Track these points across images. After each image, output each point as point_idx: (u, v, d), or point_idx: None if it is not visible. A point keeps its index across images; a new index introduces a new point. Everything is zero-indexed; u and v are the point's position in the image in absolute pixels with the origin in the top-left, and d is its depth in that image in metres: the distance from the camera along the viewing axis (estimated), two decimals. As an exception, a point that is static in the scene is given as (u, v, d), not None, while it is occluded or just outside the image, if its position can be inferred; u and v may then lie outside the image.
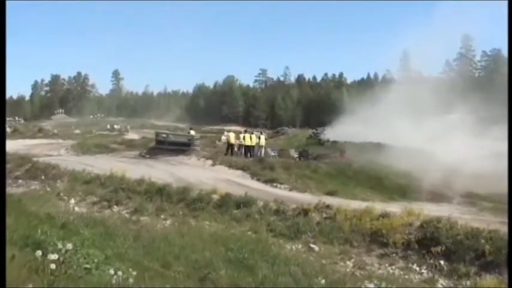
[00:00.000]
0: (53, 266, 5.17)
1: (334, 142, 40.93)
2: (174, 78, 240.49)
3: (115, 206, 18.07)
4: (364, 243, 14.34)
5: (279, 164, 26.77)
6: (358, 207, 16.25)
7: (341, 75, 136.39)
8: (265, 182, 23.09)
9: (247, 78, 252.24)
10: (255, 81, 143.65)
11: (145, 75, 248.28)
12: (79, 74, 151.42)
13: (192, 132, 33.85)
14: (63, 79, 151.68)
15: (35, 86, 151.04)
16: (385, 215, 15.35)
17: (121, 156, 31.67)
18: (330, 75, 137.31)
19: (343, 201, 17.75)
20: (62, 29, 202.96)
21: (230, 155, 30.74)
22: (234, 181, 22.73)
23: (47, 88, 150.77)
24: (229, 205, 17.44)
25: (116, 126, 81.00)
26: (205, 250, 12.55)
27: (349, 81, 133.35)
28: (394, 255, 13.64)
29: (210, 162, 27.77)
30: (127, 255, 10.83)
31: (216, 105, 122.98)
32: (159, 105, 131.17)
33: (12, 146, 36.33)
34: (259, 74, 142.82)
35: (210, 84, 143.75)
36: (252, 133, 33.17)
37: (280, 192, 20.78)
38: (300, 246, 14.39)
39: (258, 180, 23.55)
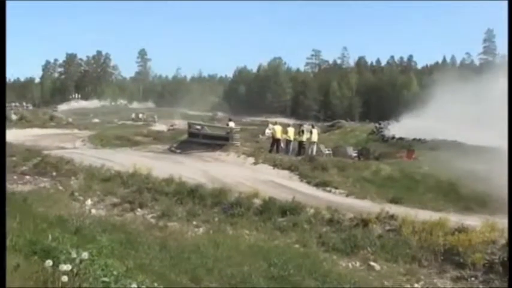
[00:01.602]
0: (65, 278, 5.17)
1: (400, 139, 40.40)
2: (210, 60, 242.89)
3: (139, 209, 18.27)
4: (436, 263, 14.05)
5: (333, 164, 26.50)
6: (428, 219, 15.94)
7: (410, 58, 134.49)
8: (317, 185, 22.92)
9: (296, 61, 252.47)
10: (307, 64, 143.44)
11: (176, 57, 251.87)
12: (99, 53, 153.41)
13: (231, 124, 33.91)
14: (80, 59, 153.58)
15: (47, 67, 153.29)
16: (461, 230, 15.01)
17: (146, 151, 32.09)
18: (396, 58, 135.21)
19: (410, 211, 17.38)
20: (79, 4, 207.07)
21: (275, 152, 30.69)
22: (279, 183, 22.65)
23: (60, 69, 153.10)
24: (273, 212, 17.38)
25: (141, 116, 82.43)
26: (243, 264, 12.51)
27: (419, 65, 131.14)
28: (472, 278, 13.30)
29: (251, 160, 27.82)
30: (151, 267, 10.88)
31: (259, 93, 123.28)
32: (192, 91, 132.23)
33: (18, 136, 37.33)
34: (312, 55, 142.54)
35: (252, 67, 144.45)
36: (302, 126, 33.05)
37: (334, 198, 20.58)
38: (357, 263, 14.20)
39: (308, 183, 23.39)
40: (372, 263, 14.09)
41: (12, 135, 39.23)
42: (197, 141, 31.55)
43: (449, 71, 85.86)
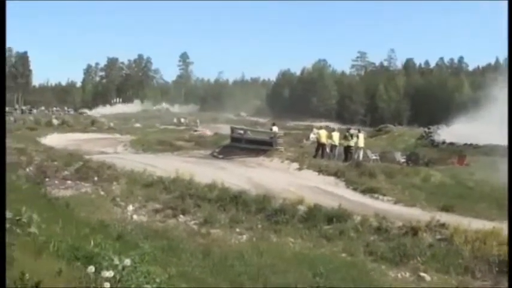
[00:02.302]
0: (107, 285, 5.21)
1: (451, 144, 39.79)
2: (253, 63, 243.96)
3: (181, 215, 18.38)
4: (490, 274, 13.67)
5: (380, 170, 26.21)
6: (481, 228, 15.55)
7: (461, 60, 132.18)
8: (363, 192, 22.67)
9: (342, 63, 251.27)
10: (352, 66, 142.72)
11: (218, 60, 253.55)
12: (140, 57, 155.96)
13: (275, 129, 33.97)
14: (122, 63, 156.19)
15: (88, 71, 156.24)
16: (518, 240, 14.57)
17: (189, 156, 32.35)
18: (446, 60, 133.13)
19: (463, 220, 17.02)
20: (120, 7, 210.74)
21: (320, 157, 30.56)
22: (325, 190, 22.51)
23: (102, 73, 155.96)
24: (319, 219, 17.26)
25: (183, 120, 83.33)
26: (288, 272, 12.45)
27: (470, 67, 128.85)
28: (530, 291, 12.89)
29: (295, 165, 27.76)
30: (194, 274, 10.94)
31: (304, 96, 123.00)
32: (235, 95, 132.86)
33: (59, 140, 38.07)
34: (357, 57, 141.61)
35: (296, 70, 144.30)
36: (349, 131, 32.83)
37: (382, 205, 20.31)
38: (406, 274, 13.95)
39: (355, 189, 23.17)
40: (422, 274, 13.82)
41: (54, 139, 40.17)
42: (240, 146, 31.69)
43: (503, 73, 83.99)
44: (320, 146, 31.74)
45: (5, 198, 6.38)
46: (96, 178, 22.20)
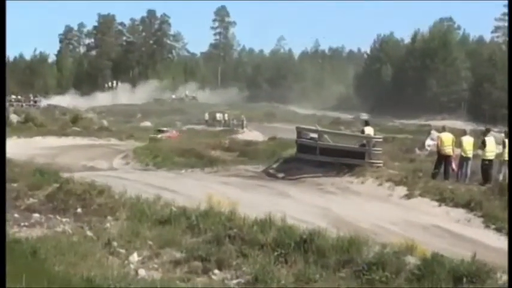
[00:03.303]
0: None
1: None
2: (332, 25, 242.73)
3: (216, 271, 18.37)
4: None
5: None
6: None
7: None
8: (513, 234, 22.36)
9: (477, 25, 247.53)
10: (495, 29, 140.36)
11: (276, 19, 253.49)
12: (151, 14, 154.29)
13: (368, 131, 33.71)
14: (121, 24, 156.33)
15: (67, 37, 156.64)
16: None
17: (229, 174, 32.45)
18: None
19: None
20: None
21: (443, 177, 30.31)
22: (449, 230, 22.39)
23: (89, 41, 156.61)
24: (440, 277, 17.05)
25: (219, 116, 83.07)
26: None
27: None
28: None
29: (402, 190, 27.82)
30: None
31: (414, 79, 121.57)
32: (304, 75, 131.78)
33: (22, 148, 38.58)
34: (503, 14, 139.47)
35: (403, 36, 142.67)
36: (487, 133, 32.25)
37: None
38: None
39: (498, 230, 22.90)
40: None
41: (13, 147, 40.75)
42: (312, 158, 31.68)
43: None
44: (442, 158, 31.47)
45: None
46: (80, 210, 22.20)
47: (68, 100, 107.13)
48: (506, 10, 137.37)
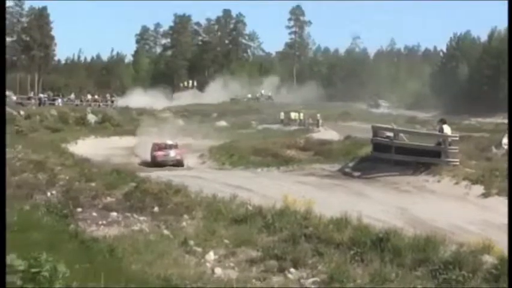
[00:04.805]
0: None
1: None
2: (407, 24, 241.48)
3: (292, 269, 18.22)
4: None
5: None
6: None
7: None
8: None
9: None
10: None
11: (351, 19, 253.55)
12: (226, 13, 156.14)
13: (445, 129, 33.30)
14: (197, 24, 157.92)
15: (143, 37, 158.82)
16: None
17: (304, 173, 32.41)
18: None
19: None
20: None
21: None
22: (530, 230, 21.84)
23: (165, 41, 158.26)
24: (518, 277, 16.70)
25: (294, 115, 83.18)
26: None
27: None
28: None
29: (478, 189, 27.49)
30: None
31: (493, 77, 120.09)
32: (379, 74, 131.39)
33: (99, 148, 38.80)
34: None
35: (481, 34, 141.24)
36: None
37: None
38: None
39: None
40: None
41: (90, 146, 41.05)
42: (388, 157, 31.65)
43: None
44: (519, 157, 30.99)
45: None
46: (156, 209, 22.26)
47: (144, 100, 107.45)
48: None
